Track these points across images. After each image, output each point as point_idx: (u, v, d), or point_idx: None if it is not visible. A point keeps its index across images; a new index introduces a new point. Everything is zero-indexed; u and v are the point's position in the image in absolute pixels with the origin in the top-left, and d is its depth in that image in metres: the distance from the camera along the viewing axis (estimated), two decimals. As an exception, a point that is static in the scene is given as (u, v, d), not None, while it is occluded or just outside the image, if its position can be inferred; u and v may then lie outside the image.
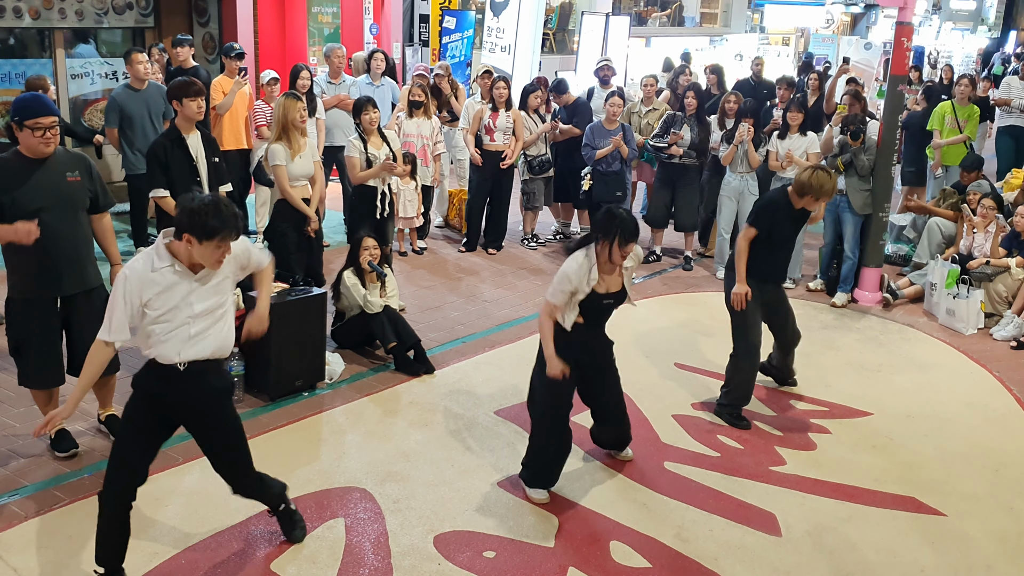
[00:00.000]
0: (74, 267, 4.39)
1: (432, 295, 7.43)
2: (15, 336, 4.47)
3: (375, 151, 6.78)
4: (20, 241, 4.17)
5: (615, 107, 8.12)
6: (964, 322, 7.03)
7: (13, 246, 4.29)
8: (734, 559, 4.09)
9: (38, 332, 4.43)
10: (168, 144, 5.47)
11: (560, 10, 16.81)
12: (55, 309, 4.45)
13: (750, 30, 21.19)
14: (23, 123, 4.16)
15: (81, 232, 4.44)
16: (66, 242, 4.34)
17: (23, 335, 4.44)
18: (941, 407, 5.77)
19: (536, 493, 4.50)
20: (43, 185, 4.25)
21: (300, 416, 5.24)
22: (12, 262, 4.39)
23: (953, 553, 4.23)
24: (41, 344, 4.45)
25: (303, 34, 11.13)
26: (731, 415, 5.42)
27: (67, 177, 4.35)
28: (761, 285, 5.35)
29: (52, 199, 4.28)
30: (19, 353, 4.50)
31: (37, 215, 4.22)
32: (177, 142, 5.47)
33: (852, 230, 7.52)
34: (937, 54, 22.59)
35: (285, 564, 3.88)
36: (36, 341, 4.44)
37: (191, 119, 5.47)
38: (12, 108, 4.27)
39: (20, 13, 8.88)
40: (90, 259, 4.51)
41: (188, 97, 5.43)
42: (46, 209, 4.26)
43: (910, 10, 7.44)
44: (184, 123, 5.48)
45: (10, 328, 4.47)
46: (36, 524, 4.06)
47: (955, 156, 9.38)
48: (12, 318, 4.45)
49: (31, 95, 4.41)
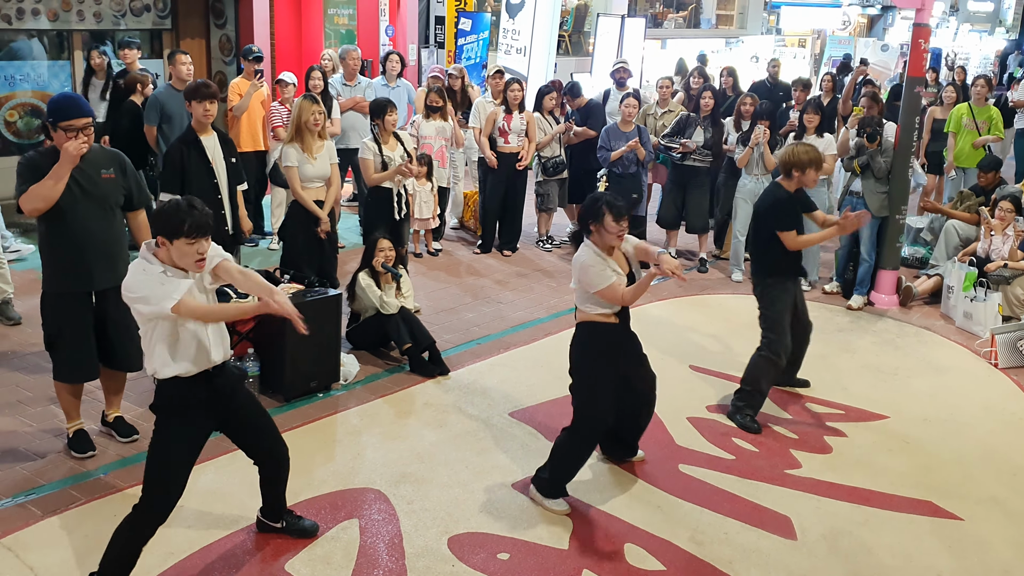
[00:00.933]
0: (107, 262, 4.43)
1: (447, 297, 7.44)
2: (49, 331, 4.53)
3: (390, 153, 6.79)
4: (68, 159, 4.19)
5: (631, 108, 8.11)
6: (982, 325, 6.97)
7: (49, 241, 4.38)
8: (749, 562, 4.07)
9: (71, 327, 4.48)
10: (184, 147, 5.52)
11: (576, 12, 16.81)
12: (88, 304, 4.50)
13: (766, 32, 21.11)
14: (57, 124, 4.22)
15: (114, 228, 4.51)
16: (99, 238, 4.41)
17: (56, 330, 4.49)
18: (958, 411, 5.73)
19: (558, 504, 4.43)
20: (78, 182, 4.32)
21: (315, 417, 5.25)
22: (47, 257, 4.46)
23: (970, 558, 4.20)
24: (73, 338, 4.49)
25: (319, 36, 11.17)
26: (750, 416, 5.38)
27: (101, 174, 4.42)
28: (793, 283, 5.43)
29: (86, 196, 4.34)
30: (53, 347, 4.56)
31: (71, 211, 4.30)
32: (193, 144, 5.51)
33: (868, 232, 7.47)
34: (955, 56, 22.44)
35: (299, 565, 3.89)
36: (69, 335, 4.48)
37: (200, 121, 5.53)
38: (48, 108, 4.36)
39: (39, 15, 8.96)
40: (123, 255, 4.56)
41: (196, 100, 5.50)
42: (80, 205, 4.33)
43: (927, 12, 7.41)
44: (199, 125, 5.54)
45: (45, 323, 4.52)
46: (52, 523, 4.09)
47: (972, 158, 9.31)
48: (46, 313, 4.51)
49: (66, 95, 4.47)
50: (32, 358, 5.72)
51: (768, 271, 5.42)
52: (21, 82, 9.03)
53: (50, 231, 4.37)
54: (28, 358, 5.75)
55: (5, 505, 4.21)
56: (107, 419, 4.89)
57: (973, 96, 9.56)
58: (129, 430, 4.84)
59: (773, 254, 5.36)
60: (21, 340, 6.03)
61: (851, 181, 7.56)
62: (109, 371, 4.72)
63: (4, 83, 8.93)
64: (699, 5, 20.05)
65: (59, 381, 4.62)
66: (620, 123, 8.17)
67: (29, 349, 5.86)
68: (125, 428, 4.85)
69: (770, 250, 5.37)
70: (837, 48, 18.50)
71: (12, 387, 5.42)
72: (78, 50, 9.34)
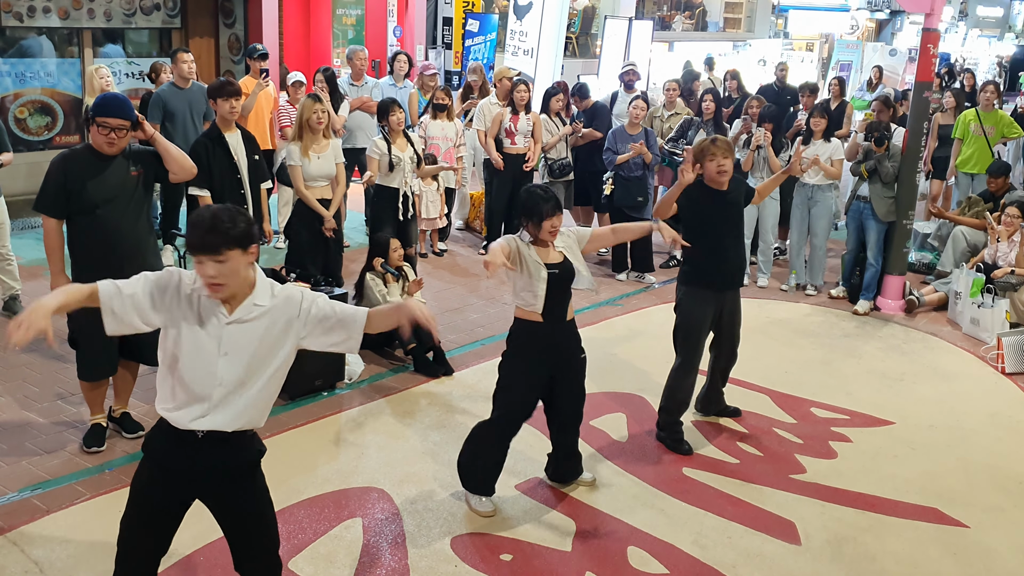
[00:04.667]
0: (135, 259, 4.43)
1: (452, 297, 7.44)
2: (73, 327, 4.56)
3: (399, 152, 6.81)
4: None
5: (638, 111, 8.08)
6: (989, 332, 6.95)
7: (80, 240, 4.44)
8: (752, 567, 4.06)
9: (95, 325, 4.48)
10: (209, 143, 5.58)
11: (583, 14, 16.81)
12: None
13: (774, 35, 21.10)
14: (95, 118, 4.32)
15: (142, 225, 4.56)
16: (129, 235, 4.46)
17: (79, 327, 4.51)
18: (964, 417, 5.71)
19: (483, 505, 4.34)
20: (108, 182, 4.39)
21: (319, 416, 5.26)
22: (77, 254, 4.50)
23: (975, 565, 4.18)
24: (94, 336, 4.49)
25: (327, 36, 11.20)
26: (673, 438, 5.09)
27: (131, 171, 4.48)
28: (718, 295, 5.03)
29: (116, 193, 4.41)
30: (76, 345, 4.60)
31: (101, 208, 4.37)
32: (218, 141, 5.58)
33: (875, 237, 7.45)
34: (963, 61, 22.40)
35: (303, 563, 3.89)
36: (91, 332, 4.49)
37: (225, 118, 5.58)
38: (94, 102, 4.46)
39: (49, 13, 8.99)
40: (151, 250, 4.62)
41: (222, 97, 5.56)
42: (110, 203, 4.39)
43: (936, 16, 7.37)
44: (222, 122, 5.60)
45: (70, 320, 4.53)
46: (57, 518, 4.10)
47: (982, 163, 9.28)
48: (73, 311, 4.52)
49: (112, 95, 4.54)
50: (40, 353, 5.74)
51: (682, 278, 5.13)
52: (31, 80, 9.06)
53: (81, 229, 4.44)
54: (36, 353, 5.77)
55: (11, 499, 4.22)
56: (114, 414, 4.91)
57: (981, 102, 9.54)
58: (135, 426, 4.85)
59: (684, 261, 5.14)
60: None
61: (858, 185, 7.55)
62: (123, 363, 4.74)
63: (15, 80, 8.97)
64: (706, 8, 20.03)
65: (82, 380, 4.68)
66: (627, 125, 8.16)
67: (37, 345, 5.87)
68: (131, 424, 4.86)
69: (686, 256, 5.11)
70: (845, 52, 18.46)
71: (19, 382, 5.43)
72: (88, 48, 9.37)
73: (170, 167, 4.57)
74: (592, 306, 7.32)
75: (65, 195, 4.37)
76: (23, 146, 8.90)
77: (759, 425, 5.46)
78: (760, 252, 8.18)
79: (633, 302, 7.64)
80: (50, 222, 4.46)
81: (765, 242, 8.11)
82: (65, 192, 4.37)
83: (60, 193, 4.38)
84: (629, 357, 6.35)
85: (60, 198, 4.39)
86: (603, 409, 5.51)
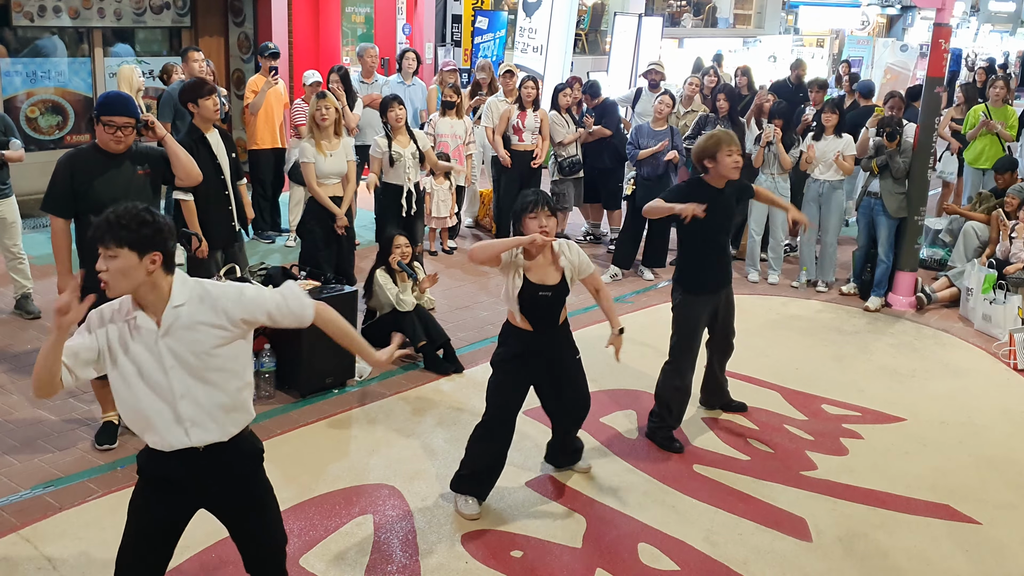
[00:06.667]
0: None
1: (462, 294, 7.45)
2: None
3: (399, 149, 6.82)
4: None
5: (664, 106, 7.96)
6: (1001, 328, 6.91)
7: (85, 238, 4.42)
8: (764, 563, 4.06)
9: None
10: (193, 145, 5.55)
11: (593, 11, 16.78)
12: None
13: (784, 31, 21.02)
14: (100, 117, 4.34)
15: None
16: None
17: None
18: (976, 414, 5.68)
19: (468, 507, 4.28)
20: (115, 181, 4.40)
21: (330, 413, 5.27)
22: (84, 254, 4.51)
23: (987, 562, 4.17)
24: None
25: (337, 34, 11.21)
26: (662, 435, 5.07)
27: (138, 170, 4.49)
28: (714, 295, 5.01)
29: (123, 192, 4.39)
30: None
31: (108, 207, 4.33)
32: (201, 141, 5.56)
33: (887, 233, 7.42)
34: (975, 56, 22.27)
35: (314, 560, 3.90)
36: None
37: (209, 118, 5.55)
38: (97, 101, 4.51)
39: (60, 12, 9.02)
40: None
41: (202, 97, 5.52)
42: (117, 202, 4.36)
43: (948, 12, 7.33)
44: (203, 122, 5.56)
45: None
46: (70, 515, 4.12)
47: (990, 159, 9.23)
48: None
49: (116, 93, 4.55)
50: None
51: (679, 283, 5.05)
52: (42, 79, 9.10)
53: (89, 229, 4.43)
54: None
55: (24, 496, 4.25)
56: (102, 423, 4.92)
57: (991, 97, 9.49)
58: None
59: (680, 265, 5.07)
60: (41, 334, 6.08)
61: (869, 181, 7.52)
62: None
63: (26, 80, 9.01)
64: (716, 4, 19.97)
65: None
66: (652, 122, 8.06)
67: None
68: None
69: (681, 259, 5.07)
70: (855, 48, 18.37)
71: (31, 380, 5.45)
72: (98, 47, 9.41)
73: (176, 172, 4.58)
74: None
75: (72, 194, 4.39)
76: (34, 145, 8.94)
77: (770, 422, 5.45)
78: (771, 249, 8.15)
79: (643, 299, 7.63)
80: (58, 222, 4.48)
81: (776, 239, 8.08)
82: (72, 191, 4.39)
83: (67, 193, 4.40)
84: (639, 354, 6.33)
85: (67, 197, 4.41)
86: (613, 406, 5.51)
